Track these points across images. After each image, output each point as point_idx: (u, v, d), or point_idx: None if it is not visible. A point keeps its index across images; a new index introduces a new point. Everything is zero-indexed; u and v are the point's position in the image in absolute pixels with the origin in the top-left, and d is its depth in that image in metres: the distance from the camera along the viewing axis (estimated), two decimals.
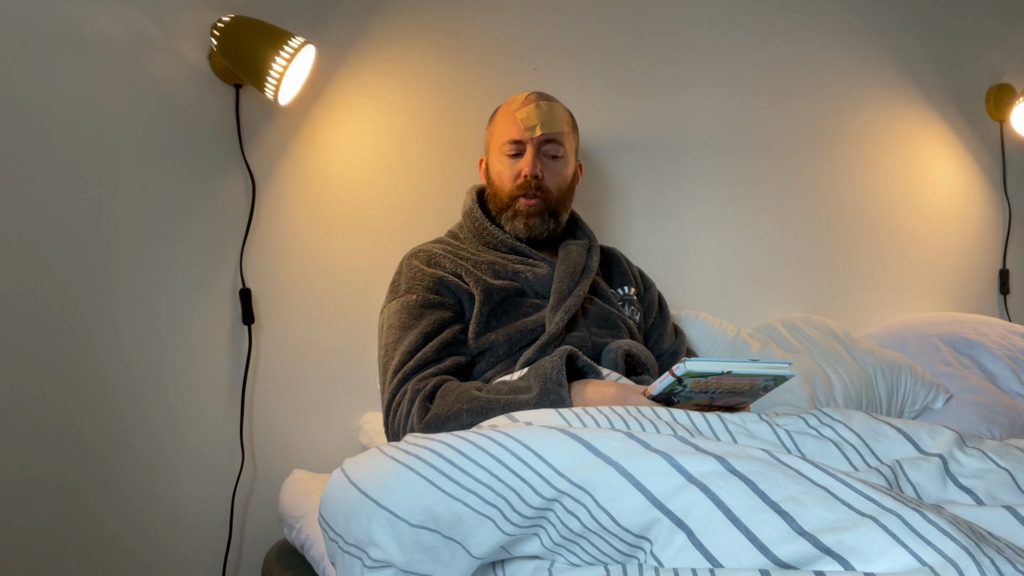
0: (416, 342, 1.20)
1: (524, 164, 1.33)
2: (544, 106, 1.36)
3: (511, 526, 0.74)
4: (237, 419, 1.50)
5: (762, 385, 0.97)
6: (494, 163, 1.39)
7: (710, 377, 0.94)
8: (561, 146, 1.36)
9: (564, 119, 1.38)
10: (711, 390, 0.97)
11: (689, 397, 0.99)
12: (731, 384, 0.96)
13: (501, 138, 1.37)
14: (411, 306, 1.25)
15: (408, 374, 1.17)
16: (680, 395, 0.98)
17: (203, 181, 1.48)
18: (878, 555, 0.58)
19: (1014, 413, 1.64)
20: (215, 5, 1.47)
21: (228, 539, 1.49)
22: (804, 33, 1.99)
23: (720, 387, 0.96)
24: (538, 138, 1.34)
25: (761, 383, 0.97)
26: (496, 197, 1.37)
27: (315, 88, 1.56)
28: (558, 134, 1.36)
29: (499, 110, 1.42)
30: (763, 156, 1.96)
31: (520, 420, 0.90)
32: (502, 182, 1.36)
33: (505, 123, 1.37)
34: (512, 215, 1.35)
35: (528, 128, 1.33)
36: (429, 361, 1.18)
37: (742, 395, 1.00)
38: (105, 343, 1.40)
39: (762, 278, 1.96)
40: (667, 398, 0.99)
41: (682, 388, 0.97)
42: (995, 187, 2.25)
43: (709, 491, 0.65)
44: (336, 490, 0.86)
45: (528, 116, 1.34)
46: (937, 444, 0.86)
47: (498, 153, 1.37)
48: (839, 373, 1.62)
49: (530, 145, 1.33)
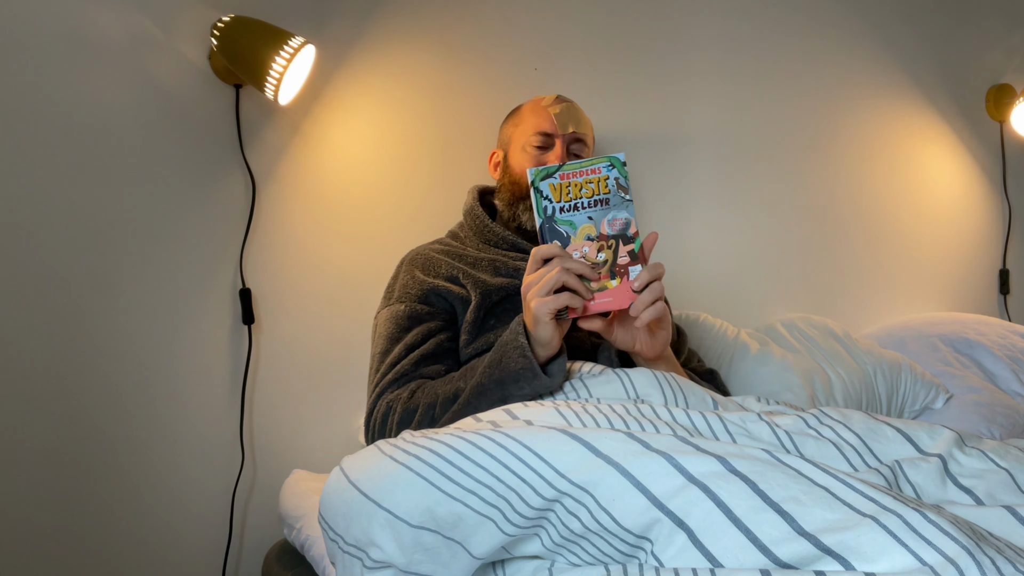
0: (399, 354, 1.21)
1: (552, 157, 1.35)
2: (574, 108, 1.40)
3: (512, 527, 0.74)
4: (237, 419, 1.50)
5: (612, 180, 1.06)
6: (517, 155, 1.39)
7: (557, 175, 1.06)
8: (585, 146, 1.39)
9: (588, 122, 1.42)
10: (581, 205, 1.06)
11: (571, 222, 1.06)
12: (587, 186, 1.06)
13: (530, 129, 1.38)
14: (399, 317, 1.26)
15: (385, 387, 1.18)
16: (559, 220, 1.06)
17: (203, 181, 1.48)
18: (879, 555, 0.58)
19: (1014, 413, 1.64)
20: (215, 5, 1.47)
21: (228, 539, 1.49)
22: (804, 33, 1.99)
23: (581, 195, 1.06)
24: (569, 134, 1.36)
25: (610, 176, 1.06)
26: (515, 186, 1.37)
27: (315, 88, 1.56)
28: (584, 135, 1.39)
29: (525, 105, 1.43)
30: (763, 156, 1.96)
31: (520, 418, 0.90)
32: (524, 172, 1.36)
33: (536, 116, 1.39)
34: (530, 205, 1.35)
35: (562, 124, 1.36)
36: (405, 373, 1.19)
37: (612, 207, 1.07)
38: (105, 343, 1.40)
39: (762, 278, 1.96)
40: (552, 228, 1.06)
41: (550, 203, 1.06)
42: (995, 187, 2.25)
43: (710, 491, 0.65)
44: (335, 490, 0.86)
45: (562, 113, 1.37)
46: (937, 444, 0.86)
47: (524, 145, 1.38)
48: (839, 373, 1.62)
49: (560, 140, 1.36)
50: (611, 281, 1.06)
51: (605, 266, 1.06)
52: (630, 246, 1.06)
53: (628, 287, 1.05)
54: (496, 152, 1.46)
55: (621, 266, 1.06)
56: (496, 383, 1.05)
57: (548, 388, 1.05)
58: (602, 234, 1.06)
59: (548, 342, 1.05)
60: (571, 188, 1.06)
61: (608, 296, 1.05)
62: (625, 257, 1.06)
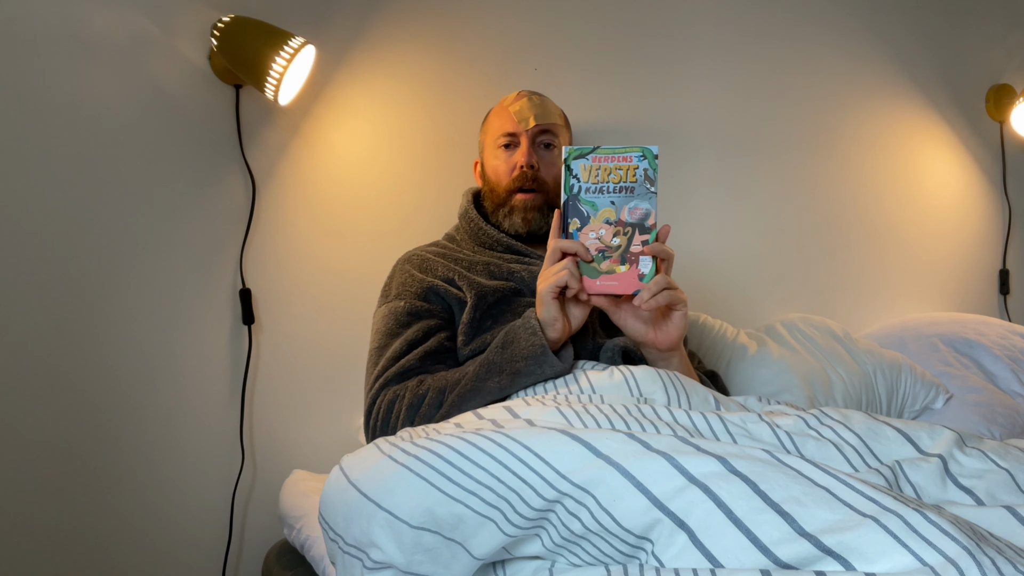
0: (400, 349, 1.21)
1: (519, 155, 1.34)
2: (536, 99, 1.38)
3: (513, 527, 0.74)
4: (237, 419, 1.50)
5: (641, 170, 1.08)
6: (489, 160, 1.39)
7: (590, 157, 1.08)
8: (556, 136, 1.38)
9: (556, 112, 1.40)
10: (607, 189, 1.08)
11: (593, 203, 1.09)
12: (616, 172, 1.08)
13: (495, 133, 1.38)
14: (399, 313, 1.25)
15: (389, 380, 1.18)
16: (583, 199, 1.09)
17: (203, 181, 1.48)
18: (879, 555, 0.58)
19: (1014, 413, 1.64)
20: (215, 5, 1.47)
21: (228, 539, 1.49)
22: (804, 33, 1.99)
23: (609, 180, 1.08)
24: (532, 129, 1.35)
25: (640, 166, 1.08)
26: (493, 194, 1.37)
27: (315, 88, 1.56)
28: (551, 125, 1.37)
29: (491, 110, 1.44)
30: (763, 156, 1.96)
31: (521, 417, 0.90)
32: (498, 177, 1.36)
33: (498, 119, 1.39)
34: (509, 211, 1.35)
35: (522, 120, 1.35)
36: (412, 368, 1.19)
37: (636, 196, 1.08)
38: (105, 343, 1.40)
39: (762, 278, 1.96)
40: (574, 205, 1.09)
41: (578, 182, 1.09)
42: (995, 187, 2.25)
43: (710, 491, 0.65)
44: (335, 490, 0.86)
45: (521, 109, 1.36)
46: (937, 444, 0.86)
47: (493, 148, 1.38)
48: (839, 373, 1.62)
49: (524, 136, 1.35)
50: (621, 267, 1.08)
51: (617, 251, 1.08)
52: (645, 236, 1.08)
53: (636, 275, 1.08)
54: (477, 161, 1.46)
55: (633, 254, 1.08)
56: (507, 361, 1.09)
57: (555, 370, 1.08)
58: (621, 220, 1.09)
59: (552, 323, 1.09)
60: (600, 171, 1.09)
61: (614, 280, 1.08)
62: (638, 246, 1.08)
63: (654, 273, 1.08)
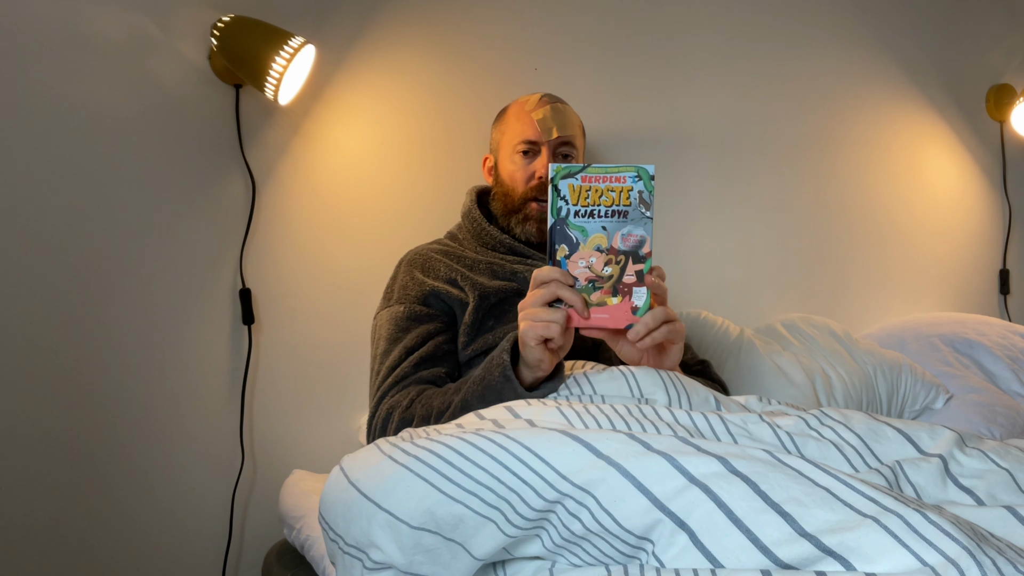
0: (399, 357, 1.21)
1: (539, 166, 1.33)
2: (559, 108, 1.36)
3: (513, 528, 0.73)
4: (237, 419, 1.50)
5: (635, 192, 1.00)
6: (505, 163, 1.38)
7: (579, 176, 0.99)
8: (574, 148, 1.37)
9: (577, 122, 1.39)
10: (598, 213, 1.00)
11: (583, 228, 1.01)
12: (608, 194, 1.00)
13: (515, 137, 1.36)
14: (399, 318, 1.25)
15: (386, 391, 1.18)
16: (571, 223, 1.00)
17: (203, 181, 1.48)
18: (879, 555, 0.58)
19: (1014, 413, 1.64)
20: (215, 5, 1.47)
21: (228, 539, 1.49)
22: (804, 34, 1.99)
23: (600, 202, 1.00)
24: (554, 140, 1.33)
25: (634, 188, 1.00)
26: (507, 198, 1.36)
27: (315, 88, 1.56)
28: (572, 136, 1.36)
29: (510, 108, 1.41)
30: (763, 156, 1.96)
31: (522, 417, 0.90)
32: (514, 183, 1.35)
33: (519, 123, 1.36)
34: (523, 218, 1.34)
35: (545, 130, 1.33)
36: (406, 375, 1.19)
37: (630, 221, 1.00)
38: (105, 343, 1.40)
39: (762, 278, 1.96)
40: (562, 230, 1.01)
41: (566, 204, 1.00)
42: (995, 187, 2.25)
43: (711, 492, 0.65)
44: (335, 490, 0.85)
45: (545, 117, 1.34)
46: (937, 444, 0.86)
47: (511, 153, 1.36)
48: (839, 373, 1.62)
49: (545, 147, 1.33)
50: (612, 298, 1.01)
51: (609, 281, 1.01)
52: (639, 266, 1.00)
53: (628, 307, 1.00)
54: (488, 157, 1.45)
55: (626, 285, 1.00)
56: (478, 400, 1.04)
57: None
58: (613, 247, 1.00)
59: (537, 364, 1.01)
60: (591, 192, 1.00)
61: (605, 313, 1.00)
62: (632, 276, 1.00)
63: (648, 305, 1.00)
